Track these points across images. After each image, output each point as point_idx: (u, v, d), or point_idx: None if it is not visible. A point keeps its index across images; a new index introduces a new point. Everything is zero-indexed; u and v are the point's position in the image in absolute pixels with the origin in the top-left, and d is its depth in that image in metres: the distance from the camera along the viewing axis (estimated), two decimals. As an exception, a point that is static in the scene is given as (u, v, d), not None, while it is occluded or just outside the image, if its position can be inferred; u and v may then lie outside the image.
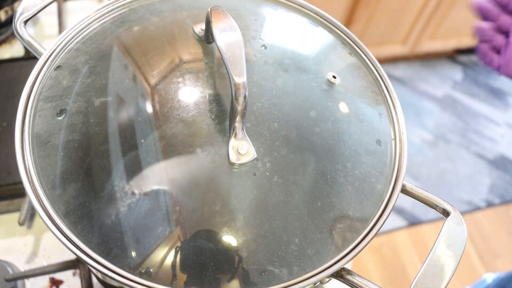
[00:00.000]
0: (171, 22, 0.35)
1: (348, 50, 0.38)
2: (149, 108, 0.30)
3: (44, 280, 0.48)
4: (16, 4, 0.64)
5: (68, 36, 0.34)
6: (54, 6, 0.68)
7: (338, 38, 0.39)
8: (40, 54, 0.33)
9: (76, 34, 0.34)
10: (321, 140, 0.31)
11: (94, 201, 0.27)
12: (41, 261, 0.49)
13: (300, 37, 0.37)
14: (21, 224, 0.49)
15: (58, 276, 0.48)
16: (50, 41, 0.67)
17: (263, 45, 0.34)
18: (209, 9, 0.31)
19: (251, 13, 0.38)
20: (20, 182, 0.28)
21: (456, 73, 1.91)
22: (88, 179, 0.28)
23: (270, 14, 0.38)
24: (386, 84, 0.37)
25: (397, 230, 1.44)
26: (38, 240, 0.50)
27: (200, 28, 0.34)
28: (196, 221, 0.27)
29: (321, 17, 0.39)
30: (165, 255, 0.26)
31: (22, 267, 0.48)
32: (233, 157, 0.28)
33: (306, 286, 0.27)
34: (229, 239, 0.27)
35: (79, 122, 0.29)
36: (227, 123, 0.29)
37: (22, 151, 0.29)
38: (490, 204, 1.54)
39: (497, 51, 0.48)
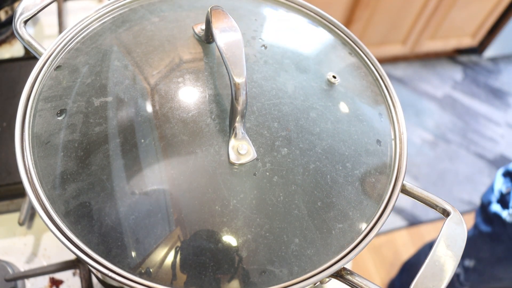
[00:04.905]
0: (171, 22, 0.35)
1: (348, 50, 0.38)
2: (149, 108, 0.30)
3: (44, 280, 0.48)
4: (16, 4, 0.64)
5: (68, 36, 0.34)
6: (54, 6, 0.68)
7: (338, 38, 0.39)
8: (40, 54, 0.33)
9: (76, 34, 0.34)
10: (321, 140, 0.31)
11: (94, 201, 0.27)
12: (41, 261, 0.49)
13: (300, 37, 0.37)
14: (21, 224, 0.49)
15: (58, 276, 0.48)
16: (50, 41, 0.67)
17: (263, 45, 0.34)
18: (209, 9, 0.31)
19: (251, 13, 0.38)
20: (20, 182, 0.28)
21: (456, 73, 1.91)
22: (88, 179, 0.28)
23: (270, 14, 0.38)
24: (386, 84, 0.37)
25: (397, 230, 1.44)
26: (38, 240, 0.50)
27: (200, 28, 0.34)
28: (196, 221, 0.27)
29: (321, 17, 0.39)
30: (165, 255, 0.26)
31: (22, 267, 0.48)
32: (233, 157, 0.28)
33: (306, 286, 0.27)
34: (229, 239, 0.27)
35: (79, 122, 0.29)
36: (227, 123, 0.29)
37: (22, 151, 0.29)
38: (490, 204, 1.54)
39: None
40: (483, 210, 0.87)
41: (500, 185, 0.84)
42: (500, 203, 0.82)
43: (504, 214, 0.80)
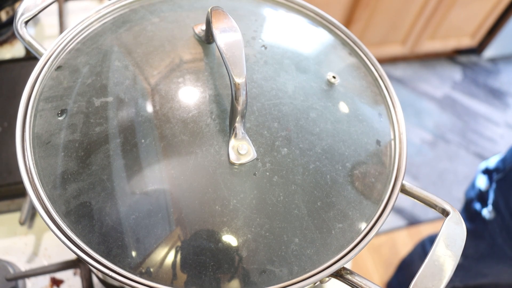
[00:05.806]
0: (172, 22, 0.35)
1: (348, 50, 0.38)
2: (149, 108, 0.30)
3: (45, 279, 0.48)
4: (17, 4, 0.64)
5: (68, 36, 0.34)
6: (54, 6, 0.68)
7: (338, 38, 0.39)
8: (41, 55, 0.33)
9: (76, 35, 0.35)
10: (321, 140, 0.31)
11: (95, 200, 0.27)
12: (42, 261, 0.49)
13: (300, 38, 0.37)
14: (22, 223, 0.49)
15: (58, 275, 0.48)
16: (50, 41, 0.67)
17: (263, 45, 0.35)
18: (209, 10, 0.31)
19: (251, 13, 0.38)
20: (21, 182, 0.28)
21: (455, 73, 1.91)
22: (88, 179, 0.28)
23: (270, 15, 0.38)
24: (386, 84, 0.37)
25: (397, 229, 1.44)
26: (38, 240, 0.50)
27: (200, 28, 0.34)
28: (196, 221, 0.27)
29: (321, 17, 0.40)
30: (166, 255, 0.27)
31: (23, 266, 0.48)
32: (233, 157, 0.28)
33: (306, 285, 0.27)
34: (229, 239, 0.27)
35: (80, 122, 0.30)
36: (227, 123, 0.29)
37: (23, 151, 0.29)
38: (489, 204, 1.54)
39: None
40: (467, 207, 0.87)
41: (480, 182, 0.84)
42: (480, 201, 0.82)
43: (484, 211, 0.80)
